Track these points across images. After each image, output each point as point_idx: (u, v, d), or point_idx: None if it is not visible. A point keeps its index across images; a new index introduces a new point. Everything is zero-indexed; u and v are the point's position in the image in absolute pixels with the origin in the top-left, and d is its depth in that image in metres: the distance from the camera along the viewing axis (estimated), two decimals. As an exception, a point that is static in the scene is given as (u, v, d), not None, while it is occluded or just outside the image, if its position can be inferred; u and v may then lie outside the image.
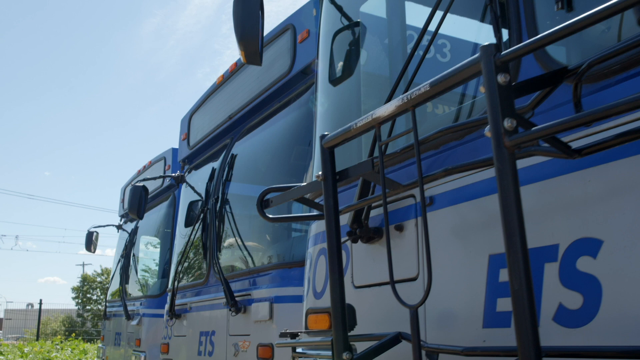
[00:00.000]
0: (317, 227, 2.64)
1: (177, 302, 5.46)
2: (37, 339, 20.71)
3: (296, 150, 4.55)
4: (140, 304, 7.57)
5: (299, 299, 3.89)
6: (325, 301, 2.49)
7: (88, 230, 9.52)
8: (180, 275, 5.51)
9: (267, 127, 4.83)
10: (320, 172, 1.78)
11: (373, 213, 2.22)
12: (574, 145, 1.33)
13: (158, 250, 7.98)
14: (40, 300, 24.80)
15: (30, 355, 12.83)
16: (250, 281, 4.35)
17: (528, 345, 1.12)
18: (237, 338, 4.35)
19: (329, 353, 1.94)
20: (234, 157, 5.05)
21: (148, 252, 8.55)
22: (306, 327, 2.61)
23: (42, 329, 29.39)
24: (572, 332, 1.46)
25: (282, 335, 2.31)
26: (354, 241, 2.24)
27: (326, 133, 1.80)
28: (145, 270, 8.43)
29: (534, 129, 1.17)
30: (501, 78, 1.22)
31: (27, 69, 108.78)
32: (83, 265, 49.83)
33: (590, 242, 1.44)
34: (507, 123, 1.20)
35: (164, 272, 7.51)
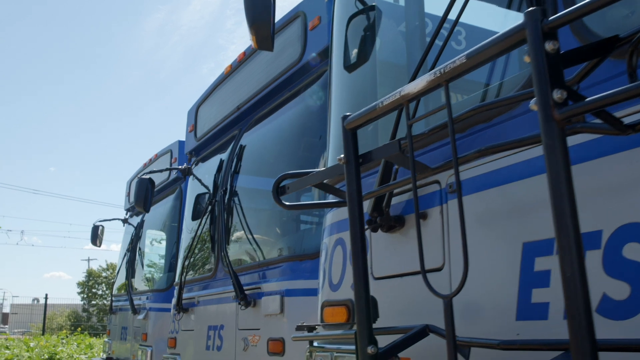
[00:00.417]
0: (334, 217, 2.53)
1: (185, 295, 5.38)
2: (42, 334, 20.71)
3: (306, 141, 4.45)
4: (147, 298, 7.50)
5: (310, 292, 3.79)
6: (342, 293, 2.39)
7: (94, 224, 9.45)
8: (188, 269, 5.42)
9: (277, 117, 4.72)
10: (342, 155, 1.68)
11: (394, 201, 2.11)
12: (625, 122, 1.23)
13: (164, 244, 7.90)
14: (46, 295, 24.83)
15: (37, 350, 12.80)
16: (260, 274, 4.26)
17: (582, 337, 1.02)
18: (247, 332, 4.26)
19: (350, 347, 1.84)
20: (242, 148, 4.95)
21: (154, 246, 8.47)
22: (322, 320, 2.51)
23: (48, 324, 29.44)
24: (618, 324, 1.35)
25: (299, 328, 2.22)
26: (374, 230, 2.14)
27: (348, 114, 1.69)
28: (151, 264, 8.36)
29: (587, 99, 1.06)
30: (549, 45, 1.11)
31: (31, 65, 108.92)
32: (88, 260, 49.89)
33: (637, 228, 1.34)
34: (557, 94, 1.09)
35: (170, 266, 7.43)
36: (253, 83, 4.96)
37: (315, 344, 2.25)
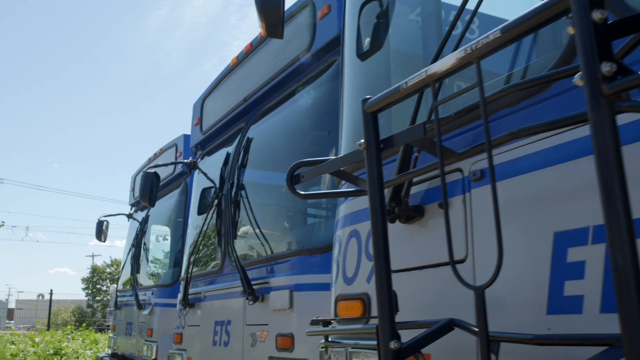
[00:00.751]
0: (348, 208, 2.45)
1: (191, 291, 5.30)
2: (48, 329, 20.72)
3: (315, 133, 4.36)
4: (152, 294, 7.43)
5: (320, 287, 3.71)
6: (357, 287, 2.31)
7: (98, 219, 9.39)
8: (194, 264, 5.34)
9: (285, 109, 4.63)
10: (362, 141, 1.59)
11: (413, 190, 2.02)
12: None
13: (169, 239, 7.83)
14: (51, 291, 24.83)
15: (42, 345, 12.78)
16: (268, 269, 4.18)
17: (636, 331, 0.93)
18: (255, 328, 4.18)
19: (368, 342, 1.76)
20: (249, 141, 4.87)
21: (159, 241, 8.40)
22: (335, 315, 2.43)
23: (53, 319, 29.49)
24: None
25: (314, 322, 2.13)
26: (392, 221, 2.05)
27: (368, 97, 1.60)
28: (156, 260, 8.30)
29: (640, 73, 0.97)
30: (597, 15, 1.02)
31: (34, 62, 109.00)
32: (93, 256, 50.01)
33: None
34: (606, 67, 1.00)
35: (175, 261, 7.36)
36: (260, 74, 4.86)
37: (330, 339, 2.16)
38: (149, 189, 5.95)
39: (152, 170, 6.01)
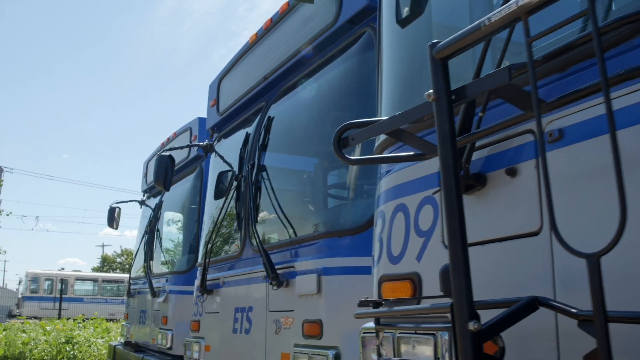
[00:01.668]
0: (392, 180, 2.23)
1: (209, 277, 5.11)
2: (58, 317, 20.73)
3: (341, 111, 4.14)
4: (166, 281, 7.27)
5: (350, 270, 3.51)
6: (405, 266, 2.10)
7: (110, 206, 9.21)
8: (212, 249, 5.15)
9: (308, 86, 4.42)
10: (430, 91, 1.38)
11: (475, 156, 1.81)
12: None
13: (184, 225, 7.65)
14: (62, 280, 24.84)
15: (53, 333, 12.69)
16: (293, 252, 3.98)
17: None
18: (279, 314, 3.99)
19: (434, 325, 1.55)
20: (270, 120, 4.65)
21: (173, 228, 8.23)
22: (379, 297, 2.23)
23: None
24: None
25: (363, 303, 1.92)
26: (449, 191, 1.84)
27: (437, 41, 1.39)
28: (170, 246, 8.13)
29: None
30: None
31: (41, 52, 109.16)
32: (102, 246, 50.14)
33: None
34: None
35: (190, 248, 7.19)
36: (281, 51, 4.64)
37: (384, 321, 1.95)
38: (164, 172, 5.74)
39: (167, 153, 5.80)
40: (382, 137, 2.31)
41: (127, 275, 9.22)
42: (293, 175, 4.69)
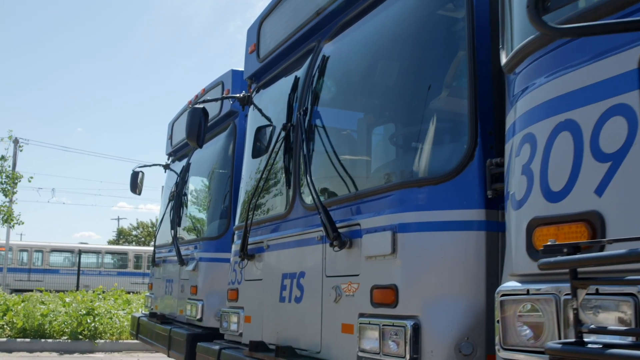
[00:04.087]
0: (549, 91, 1.65)
1: (250, 240, 4.59)
2: (77, 289, 20.52)
3: (409, 46, 3.54)
4: (195, 248, 6.77)
5: (432, 226, 2.95)
6: (576, 204, 1.53)
7: (133, 170, 8.70)
8: (253, 210, 4.61)
9: (370, 20, 3.81)
10: None
11: None
12: None
13: (215, 188, 7.11)
14: (79, 251, 24.65)
15: (73, 305, 12.37)
16: (356, 208, 3.42)
17: None
18: (339, 279, 3.45)
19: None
20: (325, 59, 4.06)
21: (202, 191, 7.71)
22: (529, 247, 1.66)
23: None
24: None
25: (548, 249, 1.36)
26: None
27: None
28: (200, 211, 7.61)
29: None
30: None
31: (57, 27, 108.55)
32: (118, 219, 50.16)
33: None
34: None
35: (222, 212, 6.66)
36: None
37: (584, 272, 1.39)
38: (197, 126, 5.16)
39: (201, 106, 5.23)
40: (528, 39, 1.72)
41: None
42: (352, 121, 4.11)
